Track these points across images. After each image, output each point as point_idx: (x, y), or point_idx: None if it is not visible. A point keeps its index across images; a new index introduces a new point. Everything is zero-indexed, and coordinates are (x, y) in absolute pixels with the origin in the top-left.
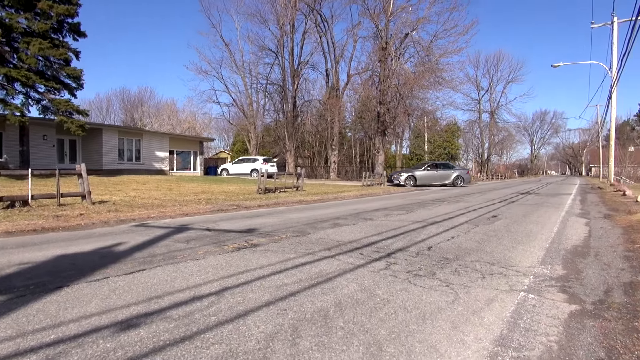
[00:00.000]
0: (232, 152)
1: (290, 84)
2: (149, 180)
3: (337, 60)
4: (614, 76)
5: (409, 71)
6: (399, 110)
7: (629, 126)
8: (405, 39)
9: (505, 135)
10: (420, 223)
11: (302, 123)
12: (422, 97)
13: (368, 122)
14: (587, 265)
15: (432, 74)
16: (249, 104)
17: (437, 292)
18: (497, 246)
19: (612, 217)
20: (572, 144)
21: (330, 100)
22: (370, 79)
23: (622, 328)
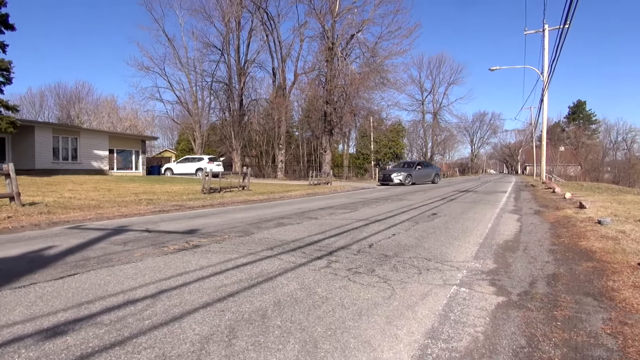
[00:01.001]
0: (177, 151)
1: (237, 82)
2: (86, 181)
3: (283, 59)
4: (545, 80)
5: (355, 71)
6: (346, 110)
7: (559, 127)
8: (351, 39)
9: (447, 135)
10: (364, 221)
11: (249, 122)
12: (367, 97)
13: (315, 121)
14: (516, 259)
15: (378, 74)
16: (193, 101)
17: (375, 288)
18: (435, 243)
19: (542, 213)
20: (509, 144)
21: (277, 100)
22: (317, 78)
23: (542, 317)
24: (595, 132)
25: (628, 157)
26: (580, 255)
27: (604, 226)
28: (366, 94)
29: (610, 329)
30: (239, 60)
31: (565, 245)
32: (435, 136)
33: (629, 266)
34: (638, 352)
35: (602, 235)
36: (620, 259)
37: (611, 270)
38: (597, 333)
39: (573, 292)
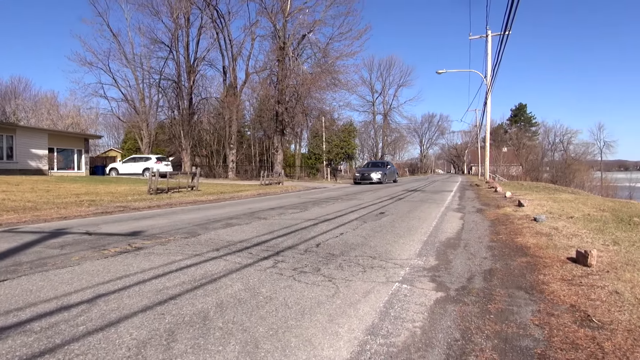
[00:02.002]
0: (123, 151)
1: (186, 80)
2: (22, 181)
3: (234, 58)
4: (489, 84)
5: (307, 72)
6: (297, 110)
7: (502, 129)
8: (303, 39)
9: (397, 136)
10: (313, 221)
11: (199, 121)
12: (319, 97)
13: (267, 121)
14: (456, 256)
15: (329, 75)
16: (140, 99)
17: (320, 287)
18: (381, 241)
19: (483, 212)
20: (456, 145)
21: (228, 99)
22: (269, 78)
23: (477, 311)
24: (535, 134)
25: (564, 158)
26: (516, 251)
27: (539, 223)
28: (318, 94)
29: (539, 320)
30: (188, 58)
31: (503, 241)
32: (386, 137)
33: (558, 260)
34: (561, 341)
35: (537, 231)
36: (552, 254)
37: (543, 264)
38: (526, 324)
39: (507, 286)
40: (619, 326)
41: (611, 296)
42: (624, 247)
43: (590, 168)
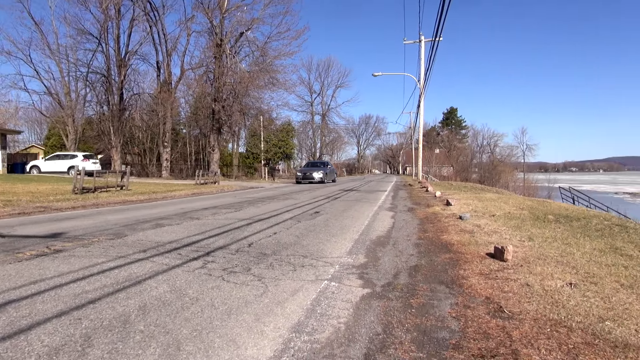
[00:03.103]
0: (47, 148)
1: (116, 75)
2: None
3: (169, 53)
4: (422, 87)
5: (245, 70)
6: (235, 108)
7: (435, 131)
8: (241, 37)
9: (335, 137)
10: (247, 220)
11: (130, 117)
12: (257, 96)
13: (203, 119)
14: (385, 253)
15: (267, 74)
16: (66, 93)
17: (249, 287)
18: (314, 240)
19: (414, 210)
20: (392, 146)
21: (162, 95)
22: (205, 75)
23: (400, 305)
24: (465, 137)
25: (491, 160)
26: (441, 247)
27: (464, 221)
28: (256, 93)
29: (456, 313)
30: (118, 51)
31: (430, 239)
32: (324, 137)
33: (478, 256)
34: (475, 331)
35: (461, 229)
36: (473, 250)
37: (464, 260)
38: (444, 317)
39: (430, 281)
40: (527, 316)
41: (522, 288)
42: (537, 242)
43: (515, 169)
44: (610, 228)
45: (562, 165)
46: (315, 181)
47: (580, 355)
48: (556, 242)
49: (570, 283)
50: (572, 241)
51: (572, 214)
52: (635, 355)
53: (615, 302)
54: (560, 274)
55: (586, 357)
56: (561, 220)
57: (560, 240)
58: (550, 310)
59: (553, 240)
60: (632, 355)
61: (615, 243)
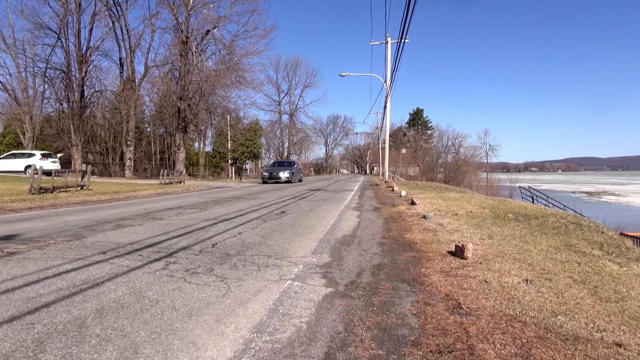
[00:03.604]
0: (2, 146)
1: (77, 71)
2: None
3: (132, 50)
4: (388, 88)
5: (211, 68)
6: (201, 107)
7: (402, 132)
8: (207, 35)
9: (303, 136)
10: (212, 220)
11: (92, 115)
12: (224, 95)
13: (168, 117)
14: (349, 253)
15: (234, 73)
16: (23, 89)
17: (211, 287)
18: (279, 239)
19: (379, 210)
20: (359, 146)
21: (125, 92)
22: (170, 72)
23: (362, 304)
24: (431, 137)
25: (456, 160)
26: (404, 246)
27: (427, 220)
28: (223, 91)
29: (416, 310)
30: (79, 47)
31: (394, 238)
32: (292, 136)
33: (440, 254)
34: (434, 328)
35: (424, 228)
36: (435, 248)
37: (426, 258)
38: (404, 314)
39: (392, 279)
40: (484, 312)
41: (481, 285)
42: (496, 240)
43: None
44: (566, 226)
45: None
46: (282, 181)
47: (533, 349)
48: (514, 240)
49: (526, 279)
50: (530, 239)
51: (531, 213)
52: (584, 347)
53: (567, 297)
54: (517, 270)
55: (538, 351)
56: (520, 219)
57: (519, 238)
58: (506, 306)
59: (512, 238)
60: (582, 347)
61: (570, 240)
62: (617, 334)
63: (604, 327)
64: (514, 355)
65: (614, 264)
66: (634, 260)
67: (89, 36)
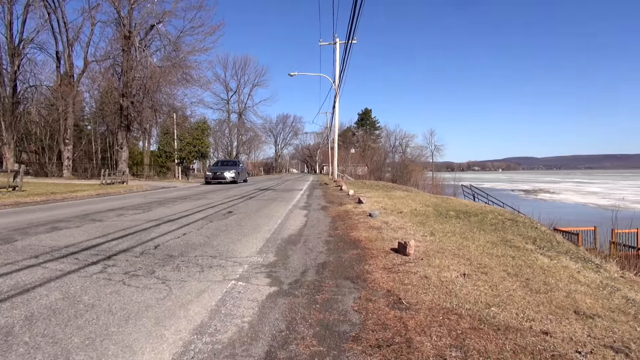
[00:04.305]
0: None
1: (9, 64)
2: None
3: (70, 43)
4: (337, 88)
5: (156, 65)
6: (145, 104)
7: (351, 132)
8: (151, 30)
9: (253, 136)
10: (155, 222)
11: (25, 112)
12: (170, 92)
13: (110, 115)
14: (295, 252)
15: (180, 70)
16: None
17: (151, 290)
18: (224, 240)
19: (327, 209)
20: (309, 145)
21: (62, 88)
22: (112, 68)
23: (305, 302)
24: (379, 137)
25: (403, 159)
26: (350, 244)
27: (373, 218)
28: (168, 89)
29: (358, 306)
30: (11, 39)
31: (339, 236)
32: (241, 136)
33: (384, 251)
34: (374, 323)
35: (370, 226)
36: (379, 245)
37: (370, 255)
38: (346, 311)
39: (336, 277)
40: (423, 306)
41: (421, 280)
42: (438, 237)
43: (424, 169)
44: (503, 222)
45: (467, 165)
46: (226, 181)
47: (467, 339)
48: (455, 237)
49: (463, 274)
50: (469, 235)
51: (471, 210)
52: (514, 336)
53: (501, 289)
54: (456, 265)
55: (472, 341)
56: (461, 216)
57: (459, 235)
58: (444, 299)
59: (452, 234)
60: (512, 336)
61: (506, 236)
62: (545, 322)
63: (533, 317)
64: (449, 346)
65: (545, 257)
66: (563, 253)
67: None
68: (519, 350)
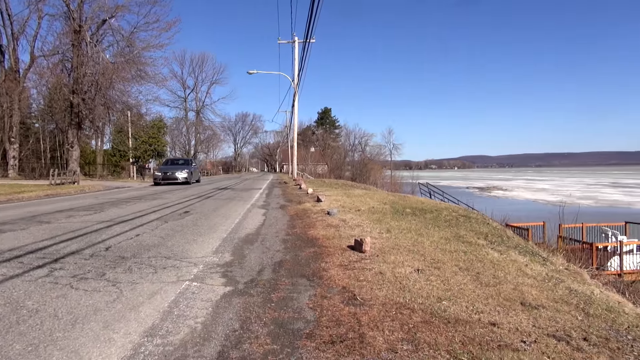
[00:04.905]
0: None
1: None
2: None
3: (15, 37)
4: (296, 87)
5: (108, 60)
6: (98, 101)
7: (310, 130)
8: (103, 25)
9: (211, 134)
10: (107, 223)
11: None
12: (123, 89)
13: (60, 112)
14: (252, 251)
15: (134, 66)
16: None
17: (101, 293)
18: (180, 240)
19: (286, 207)
20: (269, 144)
21: (7, 84)
22: (61, 63)
23: (260, 301)
24: (339, 136)
25: (362, 158)
26: (307, 242)
27: (332, 216)
28: (122, 85)
29: (313, 304)
30: None
31: (297, 234)
32: (199, 134)
33: (340, 249)
34: (328, 320)
35: (328, 224)
36: (336, 243)
37: (327, 253)
38: (301, 308)
39: (292, 275)
40: (377, 301)
41: (376, 276)
42: (394, 234)
43: (383, 167)
44: (457, 219)
45: (424, 163)
46: (179, 182)
47: (418, 333)
48: (410, 233)
49: (417, 269)
50: (424, 231)
51: (427, 207)
52: (464, 328)
53: (452, 283)
54: (411, 261)
55: (423, 334)
56: (417, 213)
57: (414, 231)
58: (397, 294)
59: (408, 231)
60: (461, 328)
61: (459, 232)
62: (493, 314)
63: (482, 309)
64: (400, 340)
65: (495, 252)
66: (513, 247)
67: None
68: (468, 342)
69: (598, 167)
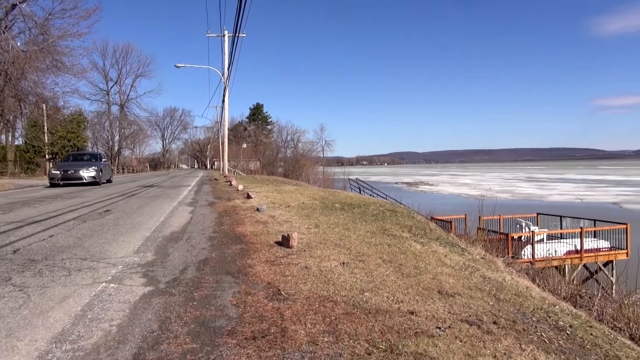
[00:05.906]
0: None
1: None
2: None
3: None
4: (226, 81)
5: (19, 49)
6: (8, 93)
7: (242, 126)
8: (13, 9)
9: (137, 129)
10: (17, 224)
11: None
12: (37, 80)
13: None
14: (176, 249)
15: (50, 56)
16: None
17: (5, 299)
18: (98, 240)
19: (214, 204)
20: (199, 140)
21: None
22: None
23: (182, 300)
24: (271, 132)
25: (295, 154)
26: (234, 239)
27: (261, 213)
28: (35, 76)
29: (236, 300)
30: None
31: (225, 232)
32: (123, 129)
33: (267, 245)
34: (251, 316)
35: (256, 220)
36: (264, 239)
37: (254, 250)
38: (225, 306)
39: (217, 273)
40: (301, 296)
41: (302, 271)
42: (322, 229)
43: (315, 163)
44: (384, 213)
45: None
46: (84, 182)
47: (339, 324)
48: (338, 228)
49: (343, 262)
50: (351, 226)
51: (356, 202)
52: (383, 318)
53: (375, 275)
54: (337, 255)
55: (345, 326)
56: (345, 208)
57: (342, 226)
58: (322, 288)
59: (335, 226)
60: (381, 318)
61: (385, 225)
62: (412, 303)
63: (402, 299)
64: (322, 332)
65: (418, 244)
66: (435, 239)
67: None
68: (387, 330)
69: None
